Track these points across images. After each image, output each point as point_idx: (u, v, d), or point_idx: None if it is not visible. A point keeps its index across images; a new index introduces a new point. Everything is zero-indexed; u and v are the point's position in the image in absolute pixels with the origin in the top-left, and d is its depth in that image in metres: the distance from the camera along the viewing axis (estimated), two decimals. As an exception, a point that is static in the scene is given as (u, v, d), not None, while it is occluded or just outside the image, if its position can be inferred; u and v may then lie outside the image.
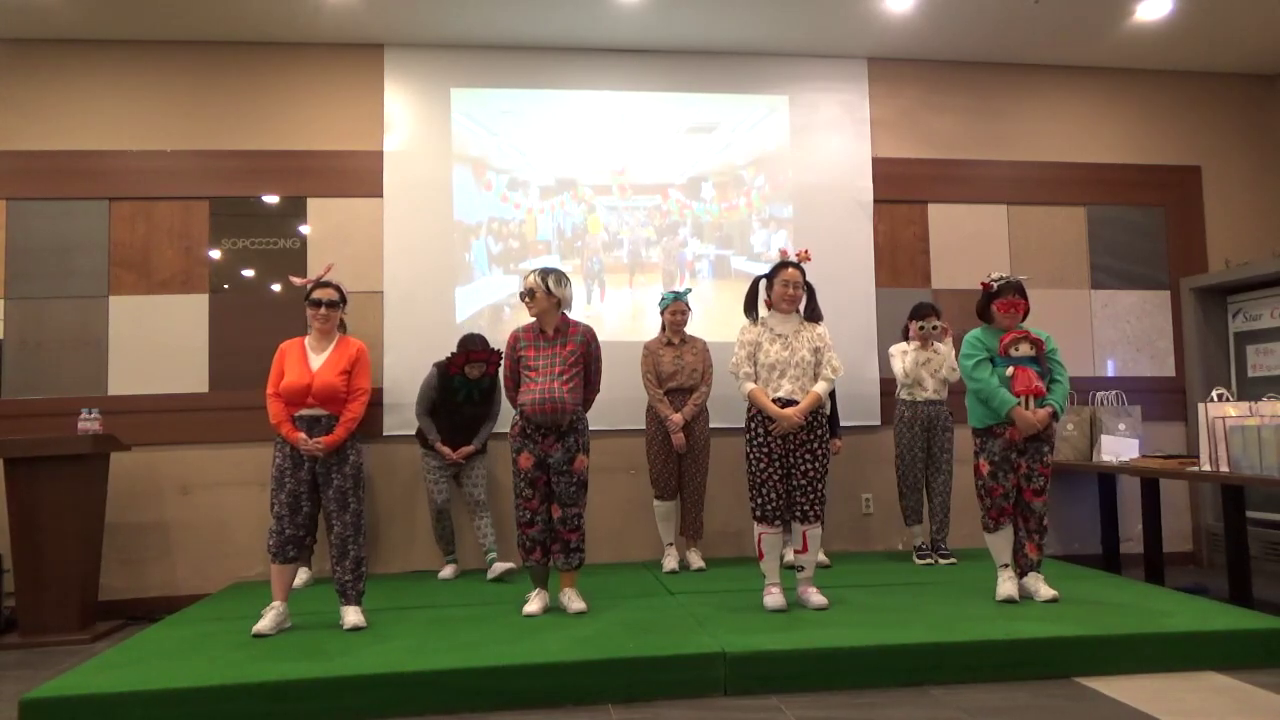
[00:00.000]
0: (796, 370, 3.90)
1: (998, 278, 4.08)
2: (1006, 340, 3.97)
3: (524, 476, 3.90)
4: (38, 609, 4.35)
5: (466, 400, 4.93)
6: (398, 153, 5.49)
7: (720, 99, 5.77)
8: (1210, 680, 3.31)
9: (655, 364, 4.96)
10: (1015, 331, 3.98)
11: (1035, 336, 3.98)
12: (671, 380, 4.93)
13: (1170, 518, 5.57)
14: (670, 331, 5.00)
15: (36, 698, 2.98)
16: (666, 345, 5.00)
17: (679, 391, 4.93)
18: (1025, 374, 3.92)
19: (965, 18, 5.40)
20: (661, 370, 4.94)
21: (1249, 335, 5.90)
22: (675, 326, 4.98)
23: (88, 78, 5.30)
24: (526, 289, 3.92)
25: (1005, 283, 4.03)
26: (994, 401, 3.93)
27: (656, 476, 4.99)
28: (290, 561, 3.77)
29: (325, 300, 3.86)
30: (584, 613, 3.88)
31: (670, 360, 4.94)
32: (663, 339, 5.03)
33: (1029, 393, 3.91)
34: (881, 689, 3.25)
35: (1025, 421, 3.89)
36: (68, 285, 5.18)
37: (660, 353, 4.98)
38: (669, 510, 5.04)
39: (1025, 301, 4.02)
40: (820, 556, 5.11)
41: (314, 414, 3.78)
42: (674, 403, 4.92)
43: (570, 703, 3.15)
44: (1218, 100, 6.23)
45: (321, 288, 3.89)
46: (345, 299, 3.95)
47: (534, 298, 3.91)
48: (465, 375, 4.86)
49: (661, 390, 4.93)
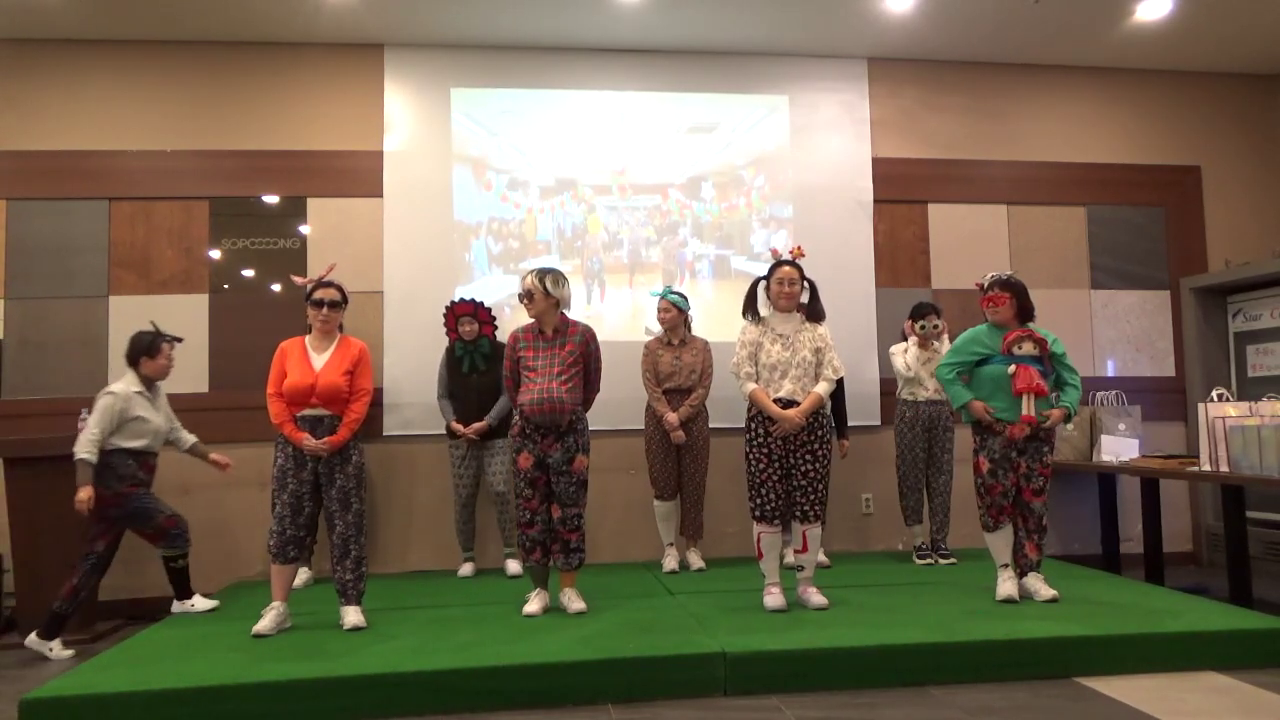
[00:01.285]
0: (798, 371, 3.90)
1: (990, 277, 4.11)
2: (1010, 339, 3.97)
3: (524, 476, 3.90)
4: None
5: (472, 369, 4.98)
6: (398, 153, 5.49)
7: (720, 99, 5.78)
8: (1210, 680, 3.31)
9: (654, 364, 4.96)
10: (1019, 330, 3.98)
11: (1039, 335, 3.98)
12: (669, 380, 4.92)
13: (1170, 518, 5.57)
14: (667, 330, 5.00)
15: (36, 698, 2.98)
16: (666, 345, 4.99)
17: (677, 392, 4.93)
18: (1027, 372, 3.92)
19: (965, 18, 5.40)
20: (660, 370, 4.94)
21: (1249, 335, 5.90)
22: (665, 325, 4.97)
23: (88, 78, 5.30)
24: (525, 290, 3.92)
25: (996, 279, 4.07)
26: (952, 395, 4.06)
27: (656, 476, 4.99)
28: (291, 562, 3.77)
29: (328, 300, 3.86)
30: (584, 613, 3.88)
31: (669, 360, 4.94)
32: (662, 339, 5.03)
33: (1030, 390, 3.90)
34: (881, 689, 3.25)
35: (976, 412, 3.98)
36: (68, 285, 5.18)
37: (659, 353, 4.98)
38: (669, 510, 5.04)
39: (1009, 295, 4.00)
40: (820, 556, 5.11)
41: (317, 414, 3.78)
42: (672, 403, 4.91)
43: (570, 703, 3.15)
44: (1218, 100, 6.23)
45: (323, 288, 3.89)
46: (347, 299, 3.96)
47: (532, 299, 3.92)
48: (463, 340, 4.92)
49: (660, 390, 4.93)
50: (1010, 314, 4.02)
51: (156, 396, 4.39)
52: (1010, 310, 4.01)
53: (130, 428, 4.19)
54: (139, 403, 4.24)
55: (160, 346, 4.35)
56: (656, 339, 5.06)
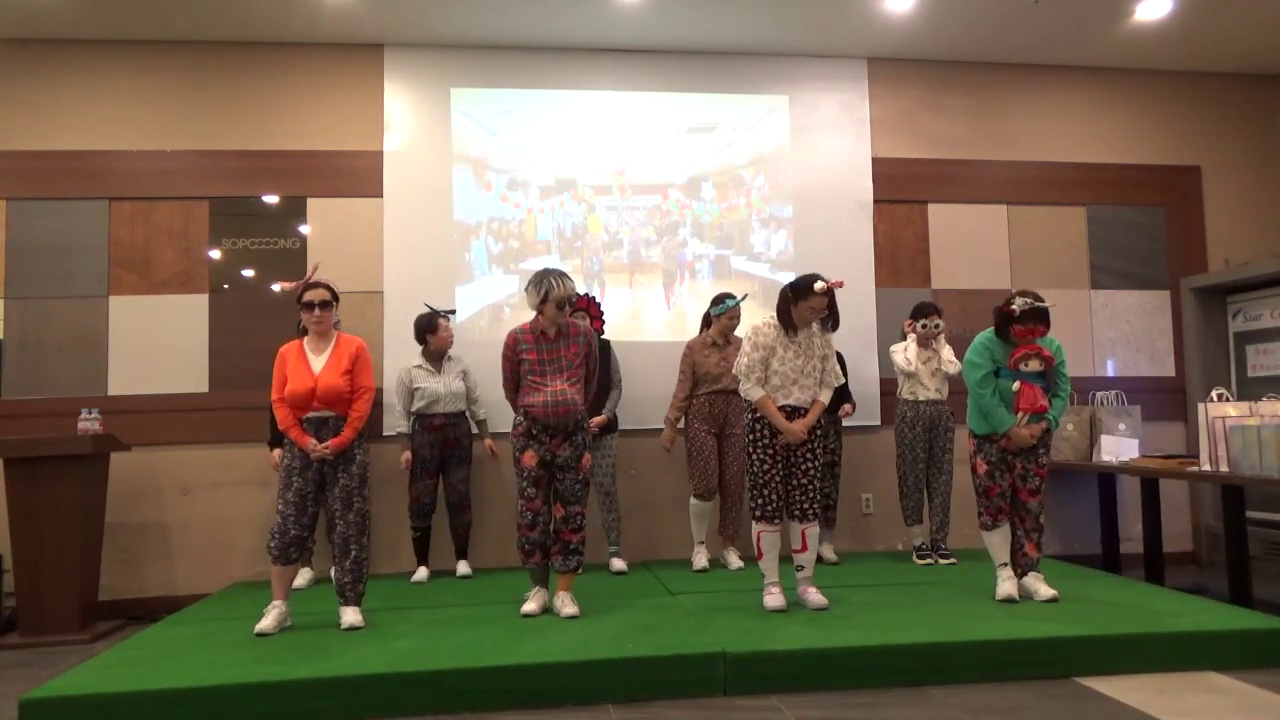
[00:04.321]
0: (808, 380, 3.92)
1: (1022, 303, 3.90)
2: (1017, 355, 3.95)
3: (528, 476, 3.88)
4: (38, 609, 4.35)
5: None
6: (398, 153, 5.49)
7: (720, 99, 5.78)
8: (1210, 680, 3.31)
9: (697, 364, 4.93)
10: (1027, 346, 3.95)
11: (1047, 354, 3.96)
12: (718, 383, 4.89)
13: (1170, 518, 5.57)
14: (718, 333, 4.96)
15: (36, 698, 2.98)
16: (712, 346, 4.97)
17: (724, 393, 4.88)
18: (1031, 391, 3.92)
19: (965, 18, 5.40)
20: (707, 371, 4.90)
21: (1249, 335, 5.90)
22: (728, 331, 4.95)
23: (88, 78, 5.30)
24: (569, 298, 3.86)
25: (1030, 309, 3.89)
26: (992, 419, 3.98)
27: (697, 476, 4.95)
28: (292, 563, 3.78)
29: (318, 301, 3.85)
30: (576, 617, 3.85)
31: (717, 362, 4.91)
32: (707, 340, 4.99)
33: (1032, 410, 3.91)
34: (881, 689, 3.25)
35: (1019, 439, 3.94)
36: (68, 285, 5.18)
37: (705, 353, 4.94)
38: (705, 510, 5.01)
39: (1046, 328, 3.95)
40: (829, 554, 5.11)
41: (321, 416, 3.78)
42: (718, 404, 4.89)
43: (570, 703, 3.15)
44: (1218, 100, 6.23)
45: (311, 289, 3.85)
46: (337, 297, 3.94)
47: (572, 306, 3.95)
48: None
49: (702, 390, 4.90)
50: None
51: (443, 367, 4.96)
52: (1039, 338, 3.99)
53: (416, 395, 4.88)
54: (419, 375, 4.89)
55: (437, 322, 4.92)
56: (701, 339, 5.02)
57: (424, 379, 4.91)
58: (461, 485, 4.98)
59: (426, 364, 4.94)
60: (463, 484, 4.99)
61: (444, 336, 4.96)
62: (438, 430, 4.89)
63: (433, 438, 4.89)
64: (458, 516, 5.01)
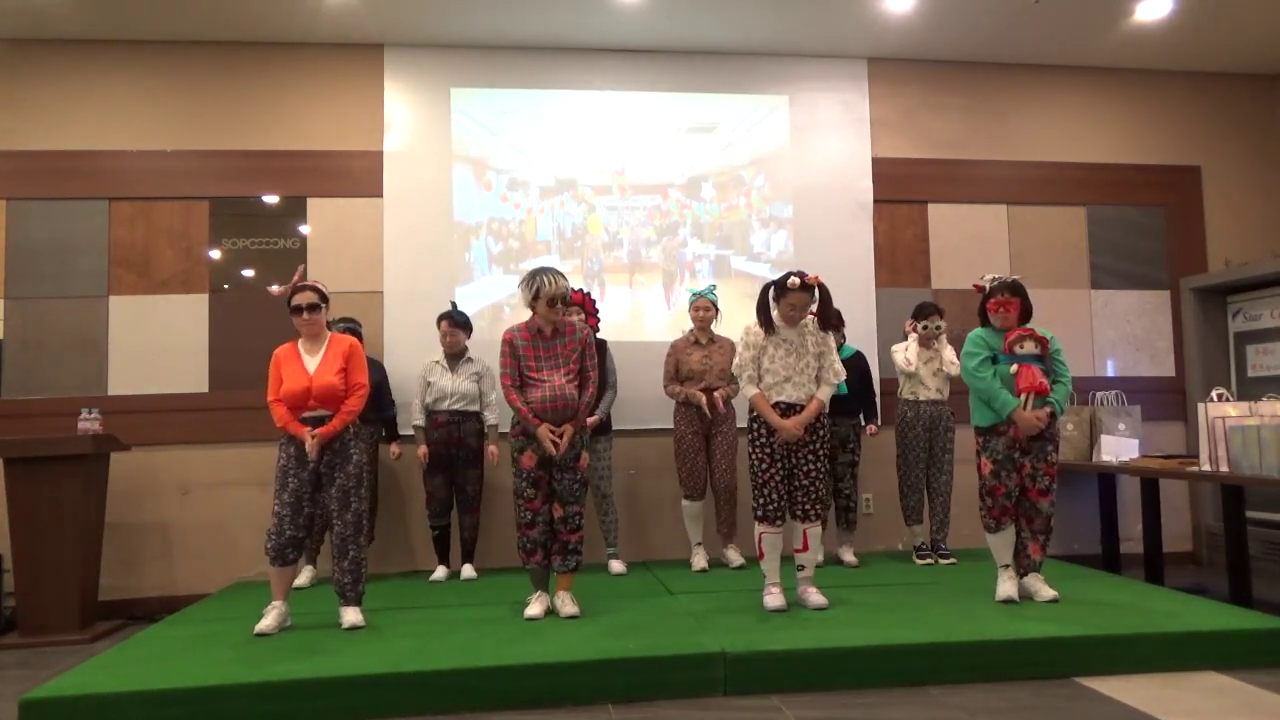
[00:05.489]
0: (801, 377, 3.91)
1: (991, 279, 4.07)
2: (1011, 338, 3.96)
3: (527, 476, 3.88)
4: (38, 609, 4.35)
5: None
6: (398, 153, 5.49)
7: (720, 99, 5.78)
8: (1210, 680, 3.31)
9: (679, 363, 4.93)
10: (1019, 329, 3.97)
11: (1040, 335, 3.98)
12: (700, 380, 4.88)
13: (1170, 518, 5.57)
14: (697, 329, 4.97)
15: (36, 698, 2.98)
16: (694, 344, 4.97)
17: (707, 391, 4.86)
18: (1030, 371, 3.91)
19: (965, 18, 5.40)
20: (689, 369, 4.90)
21: (1249, 335, 5.90)
22: (701, 324, 4.94)
23: (88, 78, 5.30)
24: (561, 295, 3.86)
25: (997, 283, 4.03)
26: (995, 402, 3.94)
27: (686, 476, 4.95)
28: (290, 564, 3.78)
29: (306, 304, 3.85)
30: (576, 617, 3.85)
31: (699, 360, 4.90)
32: (690, 338, 5.00)
33: (1032, 389, 3.89)
34: (881, 689, 3.24)
35: (1025, 422, 3.88)
36: (68, 285, 5.19)
37: (688, 351, 4.95)
38: (698, 510, 5.00)
39: (1018, 300, 3.98)
40: (849, 557, 5.08)
41: (317, 415, 3.79)
42: None
43: (570, 703, 3.15)
44: (1218, 100, 6.23)
45: (300, 292, 3.86)
46: (327, 298, 3.94)
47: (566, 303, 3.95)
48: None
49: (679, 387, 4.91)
50: (1015, 317, 4.02)
51: (458, 366, 4.98)
52: (1015, 313, 4.01)
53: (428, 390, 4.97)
54: (433, 370, 4.99)
55: (439, 324, 4.96)
56: (684, 337, 5.03)
57: (436, 374, 4.96)
58: (469, 486, 4.98)
59: (443, 361, 4.98)
60: (470, 485, 4.98)
61: (442, 340, 4.96)
62: (443, 427, 4.90)
63: (439, 434, 4.90)
64: (464, 517, 5.02)
